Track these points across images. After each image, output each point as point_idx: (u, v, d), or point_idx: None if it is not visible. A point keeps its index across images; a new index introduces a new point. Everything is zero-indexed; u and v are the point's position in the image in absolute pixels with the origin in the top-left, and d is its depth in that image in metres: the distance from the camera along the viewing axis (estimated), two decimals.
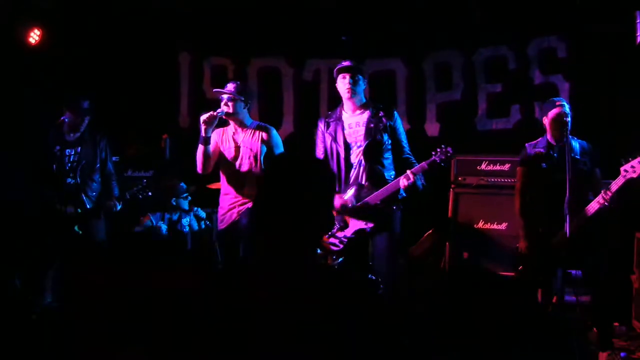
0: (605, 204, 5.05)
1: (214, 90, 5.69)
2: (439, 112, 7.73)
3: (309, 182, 2.10)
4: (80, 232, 5.57)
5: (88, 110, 6.00)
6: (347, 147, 5.26)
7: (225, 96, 5.55)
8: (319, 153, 5.40)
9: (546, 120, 5.41)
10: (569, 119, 5.26)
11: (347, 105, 5.37)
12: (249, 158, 5.55)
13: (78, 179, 5.78)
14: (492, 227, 6.66)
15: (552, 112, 5.34)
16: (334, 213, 5.16)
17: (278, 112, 8.09)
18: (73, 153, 5.90)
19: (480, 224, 6.70)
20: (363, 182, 5.19)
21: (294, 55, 8.15)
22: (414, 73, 7.82)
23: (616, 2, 6.76)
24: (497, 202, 6.54)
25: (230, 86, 5.58)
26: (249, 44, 8.12)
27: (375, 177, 5.18)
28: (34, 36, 7.29)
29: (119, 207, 5.85)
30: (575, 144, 5.35)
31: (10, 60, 7.15)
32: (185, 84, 8.39)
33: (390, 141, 5.25)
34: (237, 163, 5.60)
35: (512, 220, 6.31)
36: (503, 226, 6.55)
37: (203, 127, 5.49)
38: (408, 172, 5.02)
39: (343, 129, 5.30)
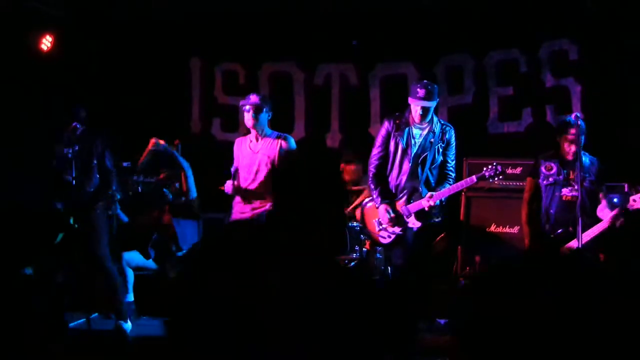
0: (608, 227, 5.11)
1: (241, 103, 5.82)
2: (451, 115, 7.71)
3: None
4: (77, 226, 5.63)
5: (84, 119, 6.11)
6: (412, 155, 5.50)
7: (248, 107, 5.69)
8: (378, 152, 5.60)
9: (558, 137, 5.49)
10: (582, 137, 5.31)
11: (416, 115, 5.53)
12: (266, 165, 5.71)
13: (75, 175, 5.84)
14: (504, 230, 6.65)
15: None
16: (388, 211, 5.53)
17: (289, 117, 8.10)
18: (71, 151, 5.96)
19: (492, 228, 6.69)
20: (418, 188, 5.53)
21: (305, 60, 8.16)
22: (425, 77, 7.79)
23: (627, 4, 6.74)
24: (509, 205, 6.51)
25: (253, 98, 5.72)
26: (259, 49, 8.14)
27: (427, 187, 5.54)
28: (46, 42, 7.34)
29: (118, 196, 5.92)
30: (586, 159, 5.37)
31: (23, 67, 7.19)
32: (197, 89, 8.41)
33: (441, 159, 5.56)
34: (255, 169, 5.73)
35: None
36: (515, 229, 6.53)
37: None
38: (430, 193, 5.45)
39: (410, 137, 5.52)
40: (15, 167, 7.08)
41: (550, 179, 5.44)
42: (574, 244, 5.16)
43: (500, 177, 5.57)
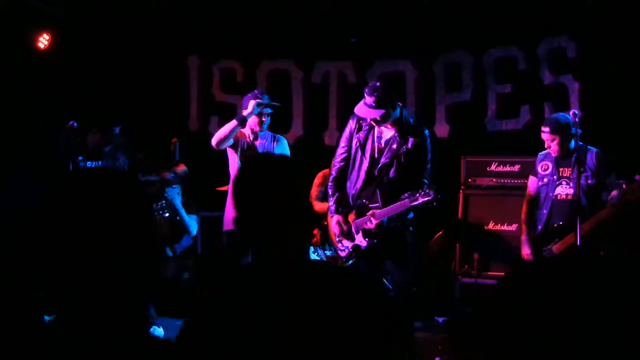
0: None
1: (261, 104, 5.69)
2: (449, 113, 7.70)
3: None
4: None
5: (117, 136, 6.14)
6: (372, 161, 4.99)
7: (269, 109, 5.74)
8: (341, 153, 5.15)
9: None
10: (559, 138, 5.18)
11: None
12: None
13: None
14: (502, 228, 6.63)
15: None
16: (339, 224, 5.11)
17: (287, 114, 8.08)
18: (94, 166, 6.01)
19: (491, 225, 6.68)
20: (364, 201, 5.03)
21: (303, 58, 8.15)
22: (423, 74, 7.79)
23: (626, 1, 6.73)
24: (507, 203, 6.49)
25: (267, 98, 5.73)
26: (258, 47, 8.12)
27: (388, 199, 4.95)
28: (43, 41, 7.31)
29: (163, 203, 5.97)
30: (585, 154, 5.22)
31: (20, 65, 7.18)
32: (195, 87, 8.40)
33: (409, 167, 4.97)
34: None
35: None
36: (513, 227, 6.51)
37: (250, 109, 5.59)
38: (373, 211, 4.94)
39: (373, 140, 5.00)
40: (14, 166, 7.06)
41: (545, 179, 5.31)
42: (563, 244, 5.12)
43: (435, 204, 4.75)
